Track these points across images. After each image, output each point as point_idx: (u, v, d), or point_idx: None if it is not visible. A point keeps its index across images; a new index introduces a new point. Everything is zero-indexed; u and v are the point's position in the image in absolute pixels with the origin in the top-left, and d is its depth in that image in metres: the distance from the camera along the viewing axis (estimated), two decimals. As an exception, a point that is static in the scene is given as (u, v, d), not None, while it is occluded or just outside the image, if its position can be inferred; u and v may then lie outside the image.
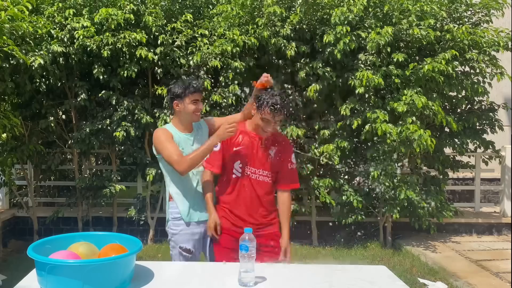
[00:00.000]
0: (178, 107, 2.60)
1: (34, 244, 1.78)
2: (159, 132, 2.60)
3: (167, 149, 2.50)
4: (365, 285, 1.84)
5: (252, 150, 2.59)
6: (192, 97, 2.58)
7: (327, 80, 5.07)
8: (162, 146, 2.52)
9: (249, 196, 2.59)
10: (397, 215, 5.15)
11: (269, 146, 2.62)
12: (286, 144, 2.72)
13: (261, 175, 2.60)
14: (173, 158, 2.47)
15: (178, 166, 2.47)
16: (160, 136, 2.55)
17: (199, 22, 5.47)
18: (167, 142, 2.52)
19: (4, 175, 5.31)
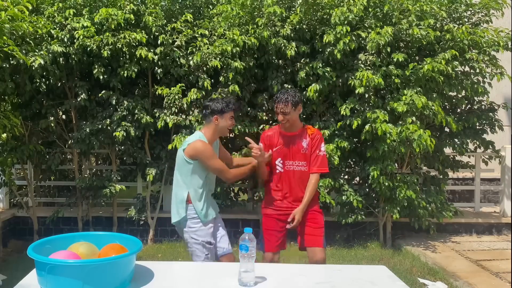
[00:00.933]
0: (217, 121, 2.94)
1: (34, 244, 1.78)
2: (205, 146, 2.88)
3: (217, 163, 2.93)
4: (365, 285, 1.84)
5: (288, 147, 3.14)
6: (232, 113, 2.98)
7: (327, 80, 5.07)
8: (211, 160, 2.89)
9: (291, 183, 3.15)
10: (397, 215, 5.15)
11: (300, 140, 3.14)
12: (315, 135, 3.18)
13: (298, 166, 3.15)
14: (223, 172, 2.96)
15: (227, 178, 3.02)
16: (206, 151, 2.87)
17: (199, 22, 5.47)
18: (215, 157, 2.93)
19: (4, 175, 5.31)
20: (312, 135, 3.17)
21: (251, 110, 5.35)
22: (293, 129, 3.16)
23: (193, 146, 2.87)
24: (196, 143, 2.87)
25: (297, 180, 3.16)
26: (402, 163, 5.42)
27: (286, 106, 3.04)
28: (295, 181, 3.16)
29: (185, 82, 5.27)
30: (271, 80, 5.26)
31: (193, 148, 2.87)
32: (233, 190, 6.22)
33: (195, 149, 2.86)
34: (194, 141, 2.89)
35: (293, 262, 4.76)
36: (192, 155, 2.87)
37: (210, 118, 2.94)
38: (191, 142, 2.89)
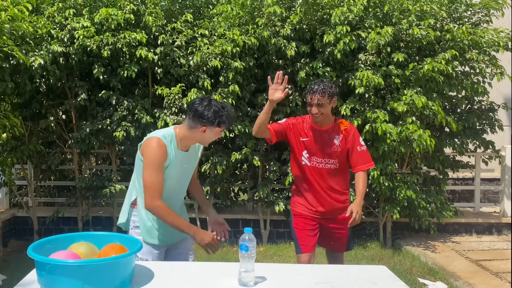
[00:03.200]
0: (204, 132, 2.31)
1: (34, 244, 1.78)
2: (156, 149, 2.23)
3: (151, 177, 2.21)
4: (365, 285, 1.84)
5: (317, 142, 2.90)
6: (224, 129, 2.38)
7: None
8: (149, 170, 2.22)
9: (318, 186, 2.95)
10: (397, 215, 5.15)
11: (332, 135, 2.90)
12: (350, 130, 2.95)
13: (327, 163, 2.93)
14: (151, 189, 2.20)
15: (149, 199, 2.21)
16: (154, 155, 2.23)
17: (199, 22, 5.47)
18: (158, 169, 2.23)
19: (4, 175, 5.30)
20: (346, 131, 2.94)
21: (251, 110, 5.35)
22: (324, 123, 2.91)
23: (147, 142, 2.27)
24: (152, 141, 2.24)
25: (326, 178, 2.95)
26: (402, 163, 5.42)
27: (323, 97, 2.78)
28: (323, 179, 2.95)
29: (185, 82, 5.26)
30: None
31: (145, 144, 2.27)
32: (233, 190, 6.22)
33: (146, 145, 2.26)
34: (154, 136, 2.27)
35: (293, 262, 4.76)
36: (142, 151, 2.29)
37: (197, 125, 2.30)
38: (150, 136, 2.30)
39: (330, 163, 2.93)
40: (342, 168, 3.00)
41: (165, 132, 2.31)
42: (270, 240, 5.77)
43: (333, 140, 2.91)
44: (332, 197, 2.99)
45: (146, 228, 2.33)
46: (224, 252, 5.30)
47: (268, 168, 5.60)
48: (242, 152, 5.15)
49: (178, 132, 2.33)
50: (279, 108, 5.35)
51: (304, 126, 2.94)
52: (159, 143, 2.23)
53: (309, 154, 2.92)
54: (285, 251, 5.33)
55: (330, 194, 2.98)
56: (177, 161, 2.32)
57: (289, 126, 2.94)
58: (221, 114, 2.29)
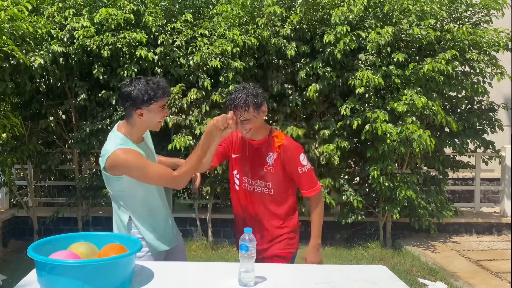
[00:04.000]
0: (141, 116, 2.08)
1: (34, 244, 1.78)
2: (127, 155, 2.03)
3: (154, 169, 2.06)
4: (366, 285, 1.84)
5: (248, 159, 2.32)
6: (162, 102, 2.08)
7: (327, 80, 5.07)
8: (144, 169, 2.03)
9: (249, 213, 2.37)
10: (397, 215, 5.15)
11: (264, 153, 2.30)
12: (286, 147, 2.29)
13: (258, 186, 2.33)
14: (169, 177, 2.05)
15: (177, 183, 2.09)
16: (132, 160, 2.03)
17: (199, 22, 5.47)
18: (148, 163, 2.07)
19: (4, 175, 5.30)
20: (281, 148, 2.28)
21: (251, 110, 5.35)
22: (256, 136, 2.30)
23: (112, 159, 2.03)
24: (115, 155, 2.02)
25: (257, 204, 2.35)
26: (402, 163, 5.42)
27: (246, 111, 2.18)
28: (254, 206, 2.36)
29: (185, 82, 5.26)
30: (271, 80, 5.26)
31: (113, 161, 2.03)
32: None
33: (115, 162, 2.03)
34: (112, 152, 2.03)
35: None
36: (114, 171, 2.06)
37: (132, 112, 2.07)
38: (109, 154, 2.04)
39: (263, 186, 2.32)
40: (280, 194, 2.34)
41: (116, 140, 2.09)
42: (270, 240, 5.76)
43: (266, 158, 2.30)
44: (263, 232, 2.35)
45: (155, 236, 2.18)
46: (224, 252, 5.30)
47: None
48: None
49: (125, 131, 2.13)
50: (280, 108, 5.35)
51: (237, 139, 2.38)
52: (125, 150, 2.04)
53: (240, 174, 2.36)
54: (285, 251, 5.32)
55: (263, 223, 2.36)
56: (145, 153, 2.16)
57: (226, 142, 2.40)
58: (151, 87, 2.03)
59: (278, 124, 5.19)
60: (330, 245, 5.64)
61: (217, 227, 5.86)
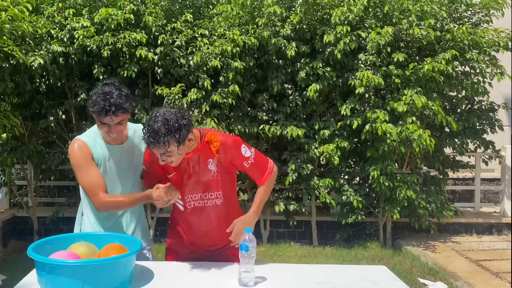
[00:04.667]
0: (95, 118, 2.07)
1: (34, 244, 1.78)
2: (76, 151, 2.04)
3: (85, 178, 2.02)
4: (366, 285, 1.84)
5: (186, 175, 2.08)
6: (100, 119, 1.99)
7: (327, 80, 5.07)
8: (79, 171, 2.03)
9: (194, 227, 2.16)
10: (397, 215, 5.15)
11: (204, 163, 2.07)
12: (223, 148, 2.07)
13: (210, 199, 2.12)
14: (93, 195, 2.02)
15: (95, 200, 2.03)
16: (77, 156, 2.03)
17: (199, 22, 5.47)
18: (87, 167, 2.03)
19: (4, 175, 5.30)
20: (218, 151, 2.06)
21: (251, 110, 5.35)
22: (188, 149, 2.03)
23: (69, 148, 2.09)
24: (72, 145, 2.06)
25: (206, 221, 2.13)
26: (402, 163, 5.42)
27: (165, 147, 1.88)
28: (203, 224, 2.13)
29: (185, 82, 5.26)
30: (271, 80, 5.26)
31: (69, 150, 2.09)
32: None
33: (69, 152, 2.08)
34: (74, 140, 2.09)
35: (293, 262, 4.76)
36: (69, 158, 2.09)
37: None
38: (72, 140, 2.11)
39: (213, 198, 2.12)
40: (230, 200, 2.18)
41: (88, 131, 2.14)
42: (270, 240, 5.77)
43: (207, 166, 2.07)
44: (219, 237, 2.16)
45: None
46: (224, 252, 5.30)
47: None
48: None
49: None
50: (279, 108, 5.36)
51: None
52: (78, 144, 2.06)
53: (182, 193, 2.09)
54: (285, 251, 5.33)
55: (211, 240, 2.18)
56: (112, 155, 2.11)
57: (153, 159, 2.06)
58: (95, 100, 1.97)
59: (278, 124, 5.19)
60: (330, 245, 5.64)
61: (217, 227, 5.86)
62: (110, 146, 2.12)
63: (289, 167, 5.20)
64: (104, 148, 2.10)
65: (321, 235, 5.84)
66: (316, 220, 5.80)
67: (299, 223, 5.72)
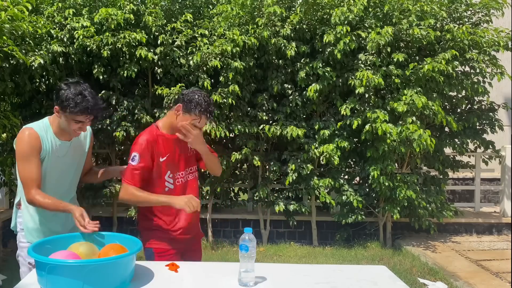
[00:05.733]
0: (57, 113, 2.12)
1: (34, 244, 1.78)
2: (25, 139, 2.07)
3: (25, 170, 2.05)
4: (366, 285, 1.84)
5: (175, 154, 2.31)
6: (75, 117, 2.08)
7: (327, 80, 5.07)
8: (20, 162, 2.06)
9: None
10: (397, 215, 5.15)
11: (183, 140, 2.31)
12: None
13: (190, 173, 2.38)
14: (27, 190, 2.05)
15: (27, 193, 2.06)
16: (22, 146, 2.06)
17: (199, 22, 5.47)
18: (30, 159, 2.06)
19: (4, 175, 5.29)
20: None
21: (251, 110, 5.35)
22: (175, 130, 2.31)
23: (19, 134, 2.11)
24: (23, 132, 2.09)
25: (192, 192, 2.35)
26: (402, 163, 5.42)
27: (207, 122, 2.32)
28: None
29: (185, 82, 5.26)
30: (271, 80, 5.26)
31: (17, 136, 2.11)
32: (233, 190, 6.22)
33: (17, 139, 2.10)
34: (26, 127, 2.11)
35: (293, 262, 4.76)
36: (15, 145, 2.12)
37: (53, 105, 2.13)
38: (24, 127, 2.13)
39: (192, 171, 2.40)
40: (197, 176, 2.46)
41: (39, 122, 2.16)
42: (270, 240, 5.77)
43: (187, 144, 2.35)
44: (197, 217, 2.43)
45: (29, 229, 2.18)
46: (224, 252, 5.30)
47: (268, 168, 5.60)
48: (242, 152, 5.14)
49: (52, 121, 2.17)
50: (279, 108, 5.36)
51: (158, 139, 2.30)
52: (30, 132, 2.08)
53: (172, 172, 2.30)
54: (285, 251, 5.33)
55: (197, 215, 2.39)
56: (59, 151, 2.16)
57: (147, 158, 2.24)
58: (73, 99, 2.04)
59: (278, 124, 5.19)
60: (330, 245, 5.64)
61: (217, 227, 5.86)
62: (59, 140, 2.17)
63: (289, 167, 5.20)
64: (54, 141, 2.15)
65: (321, 235, 5.84)
66: (316, 220, 5.80)
67: (299, 223, 5.72)
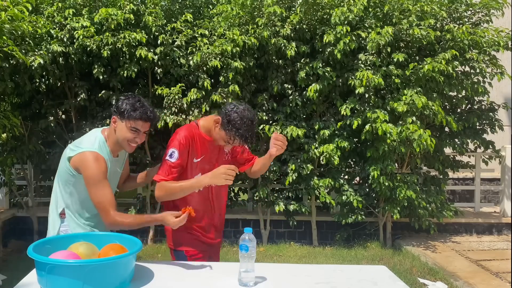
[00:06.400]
0: (114, 124, 2.11)
1: (34, 244, 1.78)
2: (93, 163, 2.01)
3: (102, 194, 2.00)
4: (366, 285, 1.84)
5: (210, 156, 2.28)
6: (134, 123, 2.06)
7: (327, 80, 5.07)
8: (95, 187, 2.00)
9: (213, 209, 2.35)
10: (397, 215, 5.15)
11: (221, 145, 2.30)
12: None
13: None
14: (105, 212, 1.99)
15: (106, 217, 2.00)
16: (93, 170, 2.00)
17: (199, 22, 5.47)
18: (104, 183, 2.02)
19: (4, 175, 5.30)
20: None
21: (251, 110, 5.35)
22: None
23: (82, 157, 2.03)
24: (89, 156, 2.02)
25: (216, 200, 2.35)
26: (402, 163, 5.42)
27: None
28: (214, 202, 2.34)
29: (185, 82, 5.26)
30: (271, 80, 5.26)
31: (80, 160, 2.03)
32: (233, 190, 6.22)
33: (82, 162, 2.02)
34: (89, 151, 2.04)
35: (293, 262, 4.76)
36: (77, 168, 2.05)
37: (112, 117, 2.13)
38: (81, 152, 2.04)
39: None
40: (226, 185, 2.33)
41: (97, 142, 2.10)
42: (270, 240, 5.77)
43: (224, 148, 2.34)
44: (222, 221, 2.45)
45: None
46: (224, 252, 5.30)
47: (268, 168, 5.60)
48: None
49: (107, 134, 2.16)
50: (279, 108, 5.36)
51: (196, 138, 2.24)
52: (97, 157, 2.03)
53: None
54: (285, 251, 5.33)
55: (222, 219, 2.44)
56: (111, 168, 2.14)
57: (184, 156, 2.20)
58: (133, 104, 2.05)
59: (278, 124, 5.19)
60: (330, 245, 5.64)
61: (217, 227, 5.85)
62: (113, 158, 2.17)
63: (289, 167, 5.20)
64: (110, 159, 2.13)
65: (321, 235, 5.84)
66: (316, 220, 5.80)
67: (299, 223, 5.72)
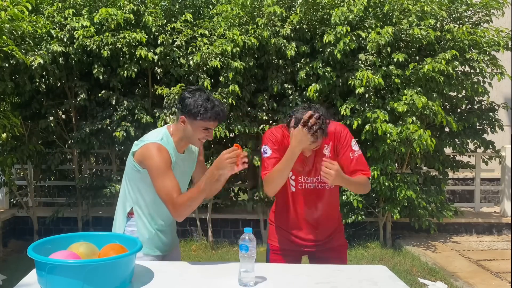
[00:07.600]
0: (184, 124, 2.06)
1: (34, 244, 1.78)
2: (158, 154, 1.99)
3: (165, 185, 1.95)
4: (366, 285, 1.84)
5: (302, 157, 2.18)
6: (207, 124, 2.04)
7: (327, 80, 5.07)
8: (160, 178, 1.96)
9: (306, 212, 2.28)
10: (397, 215, 5.15)
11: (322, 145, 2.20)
12: (339, 134, 2.22)
13: (316, 182, 2.25)
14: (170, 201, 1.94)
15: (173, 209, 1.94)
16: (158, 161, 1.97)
17: (199, 22, 5.47)
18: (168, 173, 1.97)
19: (4, 175, 5.30)
20: (336, 135, 2.21)
21: (251, 110, 5.35)
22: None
23: (145, 150, 2.02)
24: (152, 148, 2.00)
25: (313, 201, 2.28)
26: (402, 163, 5.42)
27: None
28: (309, 203, 2.28)
29: (185, 82, 5.26)
30: (271, 80, 5.26)
31: (144, 152, 2.02)
32: (233, 190, 6.21)
33: (145, 155, 2.01)
34: (152, 143, 2.03)
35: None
36: (141, 161, 2.04)
37: (178, 116, 2.08)
38: (145, 144, 2.04)
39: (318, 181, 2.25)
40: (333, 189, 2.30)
41: (161, 135, 2.08)
42: (270, 240, 5.76)
43: (323, 151, 2.21)
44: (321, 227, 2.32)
45: (144, 241, 2.09)
46: (224, 252, 5.30)
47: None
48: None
49: (172, 131, 2.12)
50: (280, 108, 5.35)
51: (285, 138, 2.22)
52: (160, 148, 2.01)
53: (295, 175, 2.24)
54: (285, 251, 5.32)
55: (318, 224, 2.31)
56: (178, 164, 2.11)
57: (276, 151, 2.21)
58: (202, 105, 2.00)
59: (278, 124, 5.19)
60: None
61: (217, 227, 5.86)
62: (177, 153, 2.12)
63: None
64: (174, 154, 2.09)
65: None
66: (316, 220, 5.80)
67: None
